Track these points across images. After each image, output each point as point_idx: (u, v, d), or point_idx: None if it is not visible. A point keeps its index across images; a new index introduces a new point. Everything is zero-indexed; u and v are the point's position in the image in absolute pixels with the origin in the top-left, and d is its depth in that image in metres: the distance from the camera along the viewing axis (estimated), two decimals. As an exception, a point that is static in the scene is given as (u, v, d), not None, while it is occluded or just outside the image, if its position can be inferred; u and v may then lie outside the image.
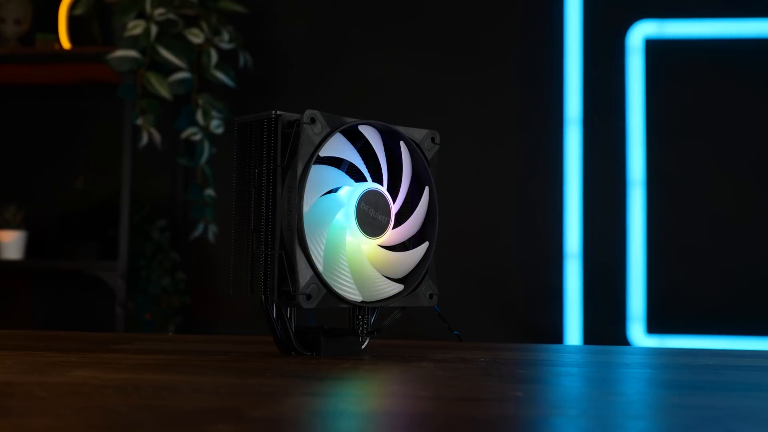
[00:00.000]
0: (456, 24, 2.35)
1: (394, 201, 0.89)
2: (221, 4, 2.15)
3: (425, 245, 0.91)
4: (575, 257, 2.19)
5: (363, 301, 0.87)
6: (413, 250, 0.90)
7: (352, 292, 0.86)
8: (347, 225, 0.86)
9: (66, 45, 2.25)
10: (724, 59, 2.24)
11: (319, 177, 0.85)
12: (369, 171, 0.88)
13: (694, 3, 2.27)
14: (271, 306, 0.86)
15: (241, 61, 2.22)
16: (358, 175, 0.88)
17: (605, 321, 2.21)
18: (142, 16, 2.04)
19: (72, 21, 2.25)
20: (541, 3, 2.32)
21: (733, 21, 2.22)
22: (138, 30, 2.02)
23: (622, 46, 2.24)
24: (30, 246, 2.25)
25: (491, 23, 2.33)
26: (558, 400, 0.64)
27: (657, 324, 2.18)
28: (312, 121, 0.84)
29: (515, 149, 2.30)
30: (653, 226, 2.20)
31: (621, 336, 2.18)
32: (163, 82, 2.02)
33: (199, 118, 2.08)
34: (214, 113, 2.10)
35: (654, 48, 2.24)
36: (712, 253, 2.21)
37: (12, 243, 2.19)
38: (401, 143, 0.89)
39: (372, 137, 0.88)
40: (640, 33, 2.23)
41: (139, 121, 2.04)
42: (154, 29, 2.02)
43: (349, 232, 0.86)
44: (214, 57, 2.09)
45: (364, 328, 0.90)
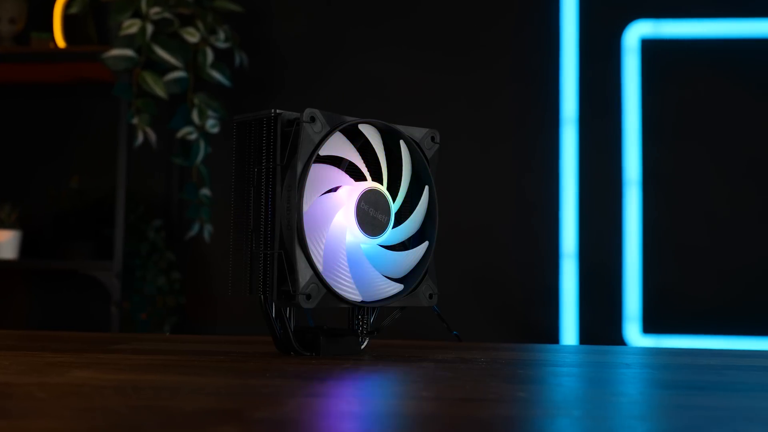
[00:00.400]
0: (452, 23, 2.35)
1: (393, 200, 0.88)
2: (217, 3, 2.14)
3: (425, 245, 0.90)
4: (571, 257, 2.19)
5: (363, 301, 0.86)
6: (413, 249, 0.90)
7: (351, 291, 0.85)
8: (347, 224, 0.86)
9: (61, 44, 2.24)
10: (719, 59, 2.24)
11: (319, 176, 0.84)
12: (369, 170, 0.88)
13: (690, 3, 2.27)
14: (271, 306, 0.85)
15: (237, 61, 2.21)
16: (357, 174, 0.87)
17: (601, 321, 2.21)
18: (137, 15, 2.03)
19: (67, 20, 2.24)
20: (537, 2, 2.32)
21: (729, 21, 2.22)
22: (133, 29, 2.01)
23: (618, 45, 2.24)
24: (25, 245, 2.24)
25: (487, 22, 2.33)
26: (561, 400, 0.64)
27: (653, 324, 2.18)
28: (312, 120, 0.83)
29: (511, 149, 2.30)
30: (649, 225, 2.20)
31: (617, 336, 2.18)
32: (159, 81, 2.01)
33: (195, 117, 2.07)
34: (209, 113, 2.09)
35: (650, 48, 2.24)
36: (707, 253, 2.21)
37: (7, 242, 2.18)
38: (401, 142, 0.89)
39: (372, 136, 0.87)
40: (636, 33, 2.23)
41: (135, 121, 2.03)
42: (149, 28, 2.01)
43: (349, 231, 0.86)
44: (209, 56, 2.08)
45: (363, 328, 0.89)
